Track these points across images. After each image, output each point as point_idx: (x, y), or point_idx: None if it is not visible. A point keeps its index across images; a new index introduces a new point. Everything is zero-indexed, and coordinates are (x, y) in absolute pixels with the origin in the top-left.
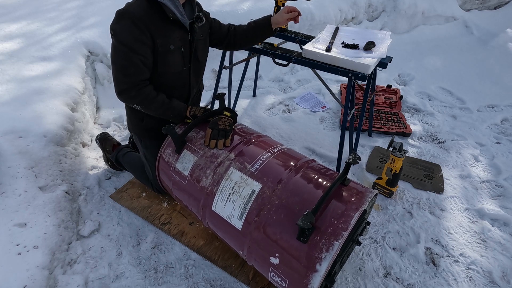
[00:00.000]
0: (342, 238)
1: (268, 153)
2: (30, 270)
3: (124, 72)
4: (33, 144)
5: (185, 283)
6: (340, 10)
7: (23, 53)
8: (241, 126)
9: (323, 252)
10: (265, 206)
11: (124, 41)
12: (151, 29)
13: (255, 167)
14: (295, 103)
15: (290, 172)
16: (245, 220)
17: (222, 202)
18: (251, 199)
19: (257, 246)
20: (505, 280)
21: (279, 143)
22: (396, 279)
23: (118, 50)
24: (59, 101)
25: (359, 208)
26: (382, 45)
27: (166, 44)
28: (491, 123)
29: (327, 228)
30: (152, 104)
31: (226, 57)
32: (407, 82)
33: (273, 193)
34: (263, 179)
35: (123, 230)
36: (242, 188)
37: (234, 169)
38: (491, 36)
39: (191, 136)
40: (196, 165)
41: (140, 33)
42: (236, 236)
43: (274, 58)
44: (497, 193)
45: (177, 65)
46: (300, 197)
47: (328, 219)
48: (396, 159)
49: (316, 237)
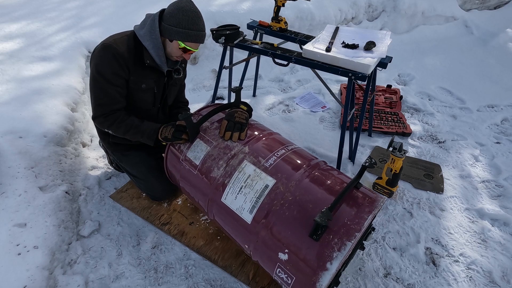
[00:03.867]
0: (355, 239)
1: (282, 150)
2: (30, 270)
3: (99, 102)
4: (33, 144)
5: (185, 283)
6: (340, 10)
7: (23, 53)
8: (254, 122)
9: (335, 251)
10: (278, 202)
11: (102, 72)
12: (129, 66)
13: (270, 162)
14: (295, 103)
15: (304, 171)
16: (256, 214)
17: (233, 194)
18: (264, 193)
19: (265, 241)
20: (505, 280)
21: (291, 142)
22: (396, 279)
23: (96, 80)
24: (59, 101)
25: (372, 211)
26: (382, 45)
27: (138, 82)
28: (491, 123)
29: (340, 228)
30: (120, 129)
31: (226, 57)
32: (407, 82)
33: (286, 190)
34: (277, 175)
35: (123, 230)
36: (256, 182)
37: (248, 163)
38: (491, 36)
39: (205, 126)
40: (209, 155)
41: (119, 67)
42: (244, 229)
43: (274, 58)
44: (497, 193)
45: (147, 103)
46: (314, 195)
47: (342, 219)
48: (396, 159)
49: (329, 236)
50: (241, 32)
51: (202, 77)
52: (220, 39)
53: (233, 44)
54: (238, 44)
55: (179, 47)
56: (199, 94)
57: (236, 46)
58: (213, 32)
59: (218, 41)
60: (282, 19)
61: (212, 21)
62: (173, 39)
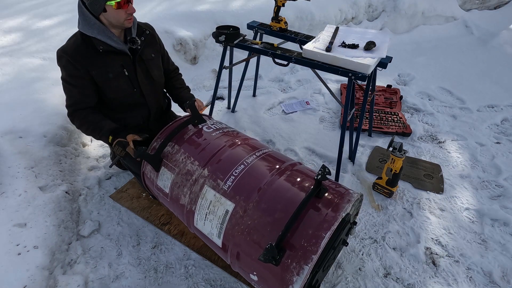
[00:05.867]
0: (312, 262)
1: (241, 165)
2: (30, 270)
3: (67, 102)
4: (33, 144)
5: (185, 283)
6: (340, 10)
7: (23, 53)
8: (218, 130)
9: (294, 276)
10: (239, 227)
11: (63, 76)
12: (84, 63)
13: (228, 184)
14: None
15: (262, 188)
16: (223, 238)
17: (201, 220)
18: (225, 219)
19: (237, 263)
20: (505, 280)
21: (257, 146)
22: (396, 279)
23: (63, 85)
24: (59, 101)
25: (331, 227)
26: (382, 45)
27: (102, 74)
28: (491, 123)
29: (298, 250)
30: (83, 126)
31: (226, 57)
32: (407, 82)
33: (245, 214)
34: (236, 198)
35: (123, 230)
36: (217, 208)
37: (208, 188)
38: (491, 36)
39: (166, 151)
40: (174, 183)
41: (74, 69)
42: (219, 251)
43: (274, 58)
44: (497, 193)
45: (124, 89)
46: (272, 217)
47: (298, 241)
48: (396, 159)
49: (288, 260)
50: (241, 34)
51: (202, 77)
52: (220, 37)
53: (233, 44)
54: (238, 44)
55: (114, 8)
56: (199, 94)
57: (236, 46)
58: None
59: (218, 39)
60: (282, 19)
61: (212, 21)
62: (103, 7)
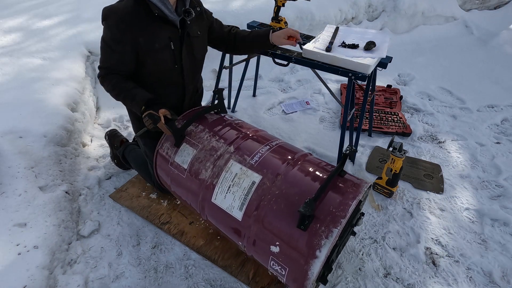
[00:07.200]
0: (340, 225)
1: (267, 146)
2: (30, 270)
3: (101, 63)
4: (33, 144)
5: (185, 283)
6: (340, 10)
7: (23, 53)
8: (239, 121)
9: (322, 239)
10: (265, 197)
11: (105, 38)
12: (133, 29)
13: (255, 159)
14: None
15: (288, 165)
16: (246, 210)
17: (222, 194)
18: (251, 190)
19: (257, 235)
20: (505, 280)
21: (276, 137)
22: (396, 279)
23: (102, 45)
24: (59, 101)
25: (356, 197)
26: (382, 45)
27: (150, 42)
28: (491, 123)
29: (326, 216)
30: (114, 90)
31: (226, 57)
32: (407, 82)
33: (273, 184)
34: (263, 171)
35: (123, 230)
36: (242, 180)
37: (234, 162)
38: (491, 36)
39: (190, 130)
40: (196, 158)
41: (119, 33)
42: (236, 227)
43: (274, 58)
44: (497, 193)
45: (166, 63)
46: (299, 188)
47: (327, 207)
48: (396, 159)
49: (316, 225)
50: None
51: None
52: None
53: None
54: None
55: None
56: None
57: None
58: None
59: None
60: (282, 19)
61: None
62: None
